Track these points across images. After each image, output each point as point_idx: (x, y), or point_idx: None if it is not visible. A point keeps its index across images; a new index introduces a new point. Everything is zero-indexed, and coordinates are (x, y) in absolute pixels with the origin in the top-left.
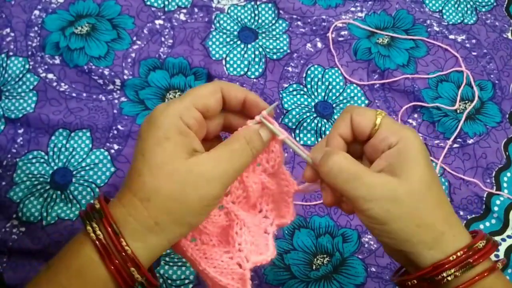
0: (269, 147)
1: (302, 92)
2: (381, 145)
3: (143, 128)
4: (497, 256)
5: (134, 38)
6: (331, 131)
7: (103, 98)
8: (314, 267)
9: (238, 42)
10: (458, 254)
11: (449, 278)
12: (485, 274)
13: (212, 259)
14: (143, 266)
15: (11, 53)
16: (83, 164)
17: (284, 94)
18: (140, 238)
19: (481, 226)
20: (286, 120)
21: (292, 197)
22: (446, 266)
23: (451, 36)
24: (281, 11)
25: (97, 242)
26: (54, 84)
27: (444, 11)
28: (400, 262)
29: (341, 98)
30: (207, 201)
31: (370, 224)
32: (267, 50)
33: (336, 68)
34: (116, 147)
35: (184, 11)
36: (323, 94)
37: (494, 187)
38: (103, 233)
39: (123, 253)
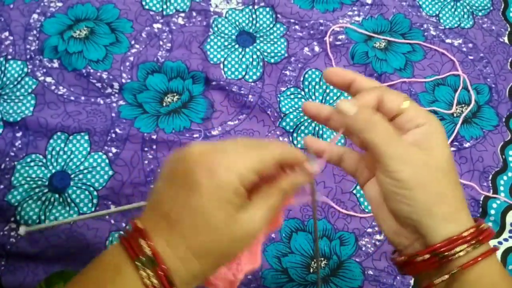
0: None
1: (299, 96)
2: (408, 124)
3: (201, 175)
4: None
5: (133, 42)
6: (361, 93)
7: (101, 102)
8: (311, 270)
9: (236, 46)
10: (471, 231)
11: (461, 254)
12: (490, 253)
13: None
14: None
15: (9, 57)
16: (81, 168)
17: (281, 98)
18: (186, 285)
19: None
20: (284, 123)
21: (261, 246)
22: (461, 241)
23: (448, 40)
24: (278, 15)
25: None
26: (53, 87)
27: (440, 15)
28: (402, 241)
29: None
30: (240, 251)
31: (394, 188)
32: (265, 54)
33: None
34: (114, 150)
35: (182, 15)
36: (320, 98)
37: (491, 191)
38: (158, 283)
39: None
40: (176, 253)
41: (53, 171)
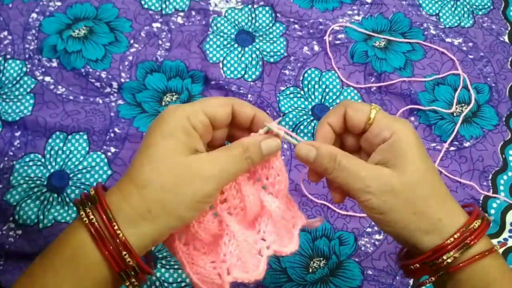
0: (269, 163)
1: (299, 95)
2: (375, 139)
3: (152, 124)
4: None
5: (132, 41)
6: (321, 120)
7: (100, 101)
8: (310, 270)
9: (235, 45)
10: (455, 236)
11: (449, 260)
12: (485, 254)
13: (198, 266)
14: (134, 251)
15: (8, 56)
16: (80, 167)
17: (281, 97)
18: (133, 225)
19: None
20: (283, 123)
21: (298, 230)
22: (445, 249)
23: (448, 39)
24: (278, 14)
25: (90, 227)
26: (51, 87)
27: (440, 14)
28: (405, 246)
29: (338, 101)
30: (199, 197)
31: (370, 214)
32: (264, 53)
33: (333, 71)
34: (113, 150)
35: (182, 14)
36: (320, 97)
37: (491, 190)
38: (97, 218)
39: (117, 238)
40: (120, 188)
41: (52, 170)
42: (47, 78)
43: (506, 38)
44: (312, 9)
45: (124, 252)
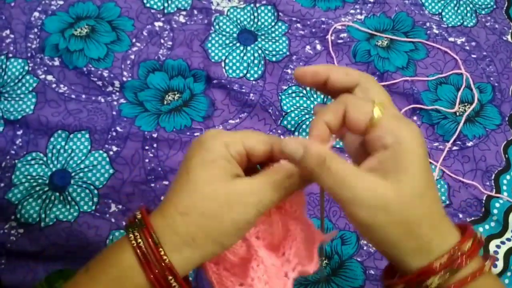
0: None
1: (301, 95)
2: (376, 143)
3: (192, 148)
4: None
5: (134, 40)
6: (317, 118)
7: (102, 100)
8: None
9: (238, 44)
10: (442, 261)
11: (432, 286)
12: (475, 275)
13: (226, 287)
14: (179, 275)
15: (10, 55)
16: (82, 166)
17: (283, 96)
18: (177, 251)
19: (480, 229)
20: (285, 122)
21: (317, 247)
22: (430, 273)
23: (451, 39)
24: (280, 13)
25: (137, 250)
26: (53, 85)
27: (443, 13)
28: (390, 262)
29: None
30: (240, 224)
31: (357, 227)
32: (267, 52)
33: None
34: (114, 148)
35: (184, 13)
36: (322, 96)
37: (494, 190)
38: (144, 242)
39: (162, 263)
40: (163, 214)
41: (54, 169)
42: (49, 77)
43: (509, 38)
44: (314, 8)
45: (170, 277)
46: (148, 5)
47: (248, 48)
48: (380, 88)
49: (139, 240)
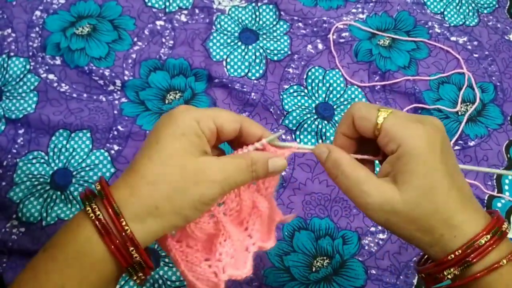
0: None
1: (302, 94)
2: (385, 149)
3: (161, 121)
4: None
5: (135, 39)
6: (336, 131)
7: (104, 99)
8: (314, 269)
9: (239, 43)
10: (456, 255)
11: (449, 277)
12: (491, 270)
13: (192, 264)
14: (141, 246)
15: (12, 54)
16: (83, 165)
17: (284, 96)
18: (139, 220)
19: None
20: (287, 121)
21: (275, 226)
22: (445, 265)
23: (453, 38)
24: (282, 13)
25: (97, 222)
26: (55, 84)
27: (445, 13)
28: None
29: (342, 99)
30: (205, 199)
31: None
32: (268, 51)
33: (337, 70)
34: (116, 147)
35: (185, 12)
36: (323, 95)
37: (496, 190)
38: (103, 213)
39: (123, 233)
40: (128, 183)
41: (55, 168)
42: (51, 76)
43: (511, 37)
44: (316, 7)
45: (131, 248)
46: (149, 4)
47: (250, 47)
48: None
49: (98, 212)
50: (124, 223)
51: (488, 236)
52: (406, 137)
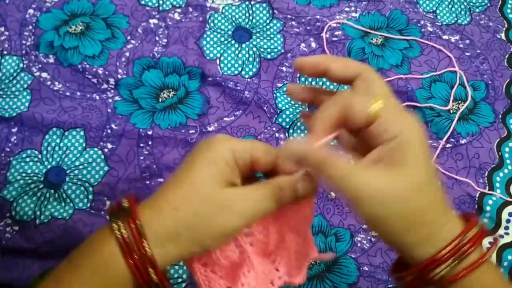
0: (300, 205)
1: None
2: (377, 138)
3: (198, 147)
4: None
5: (129, 37)
6: (317, 116)
7: (97, 97)
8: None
9: (233, 42)
10: (448, 250)
11: (442, 273)
12: (477, 265)
13: None
14: (159, 268)
15: (5, 52)
16: (77, 163)
17: (278, 94)
18: (160, 244)
19: None
20: (280, 119)
21: (308, 262)
22: (439, 261)
23: (445, 37)
24: (275, 11)
25: (121, 240)
26: (48, 83)
27: (438, 11)
28: (399, 254)
29: None
30: (228, 231)
31: (364, 223)
32: (261, 49)
33: None
34: (109, 146)
35: (179, 10)
36: None
37: (487, 187)
38: (127, 232)
39: (144, 253)
40: (153, 205)
41: (49, 166)
42: (44, 74)
43: (503, 36)
44: (309, 6)
45: (150, 269)
46: (143, 2)
47: (243, 45)
48: (381, 80)
49: (123, 230)
50: (146, 245)
51: (475, 231)
52: (406, 129)
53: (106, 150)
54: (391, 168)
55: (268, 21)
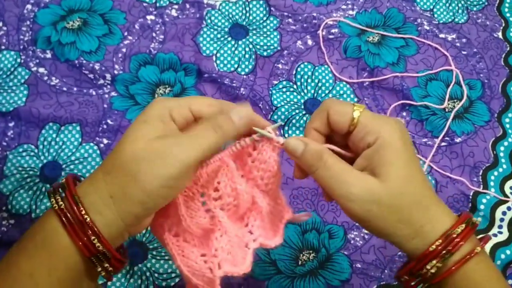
0: (263, 157)
1: (291, 89)
2: (360, 143)
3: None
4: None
5: (125, 33)
6: (307, 126)
7: (94, 93)
8: (300, 263)
9: (229, 39)
10: (437, 244)
11: (432, 271)
12: (467, 259)
13: (188, 258)
14: (103, 236)
15: (3, 47)
16: (73, 158)
17: (273, 91)
18: (98, 211)
19: None
20: (275, 117)
21: (284, 223)
22: (428, 257)
23: (442, 35)
24: (272, 8)
25: (60, 213)
26: (45, 78)
27: (435, 10)
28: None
29: (330, 95)
30: (162, 181)
31: (354, 220)
32: (258, 46)
33: (326, 66)
34: (105, 141)
35: (176, 7)
36: (312, 91)
37: (481, 186)
38: (66, 205)
39: (84, 223)
40: (90, 178)
41: (45, 161)
42: (41, 69)
43: (500, 35)
44: (306, 3)
45: (93, 237)
46: None
47: (240, 42)
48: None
49: (61, 203)
50: (83, 212)
51: (463, 226)
52: (384, 130)
53: (101, 145)
54: (376, 170)
55: (264, 18)
